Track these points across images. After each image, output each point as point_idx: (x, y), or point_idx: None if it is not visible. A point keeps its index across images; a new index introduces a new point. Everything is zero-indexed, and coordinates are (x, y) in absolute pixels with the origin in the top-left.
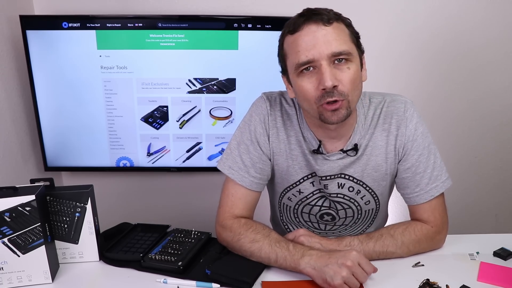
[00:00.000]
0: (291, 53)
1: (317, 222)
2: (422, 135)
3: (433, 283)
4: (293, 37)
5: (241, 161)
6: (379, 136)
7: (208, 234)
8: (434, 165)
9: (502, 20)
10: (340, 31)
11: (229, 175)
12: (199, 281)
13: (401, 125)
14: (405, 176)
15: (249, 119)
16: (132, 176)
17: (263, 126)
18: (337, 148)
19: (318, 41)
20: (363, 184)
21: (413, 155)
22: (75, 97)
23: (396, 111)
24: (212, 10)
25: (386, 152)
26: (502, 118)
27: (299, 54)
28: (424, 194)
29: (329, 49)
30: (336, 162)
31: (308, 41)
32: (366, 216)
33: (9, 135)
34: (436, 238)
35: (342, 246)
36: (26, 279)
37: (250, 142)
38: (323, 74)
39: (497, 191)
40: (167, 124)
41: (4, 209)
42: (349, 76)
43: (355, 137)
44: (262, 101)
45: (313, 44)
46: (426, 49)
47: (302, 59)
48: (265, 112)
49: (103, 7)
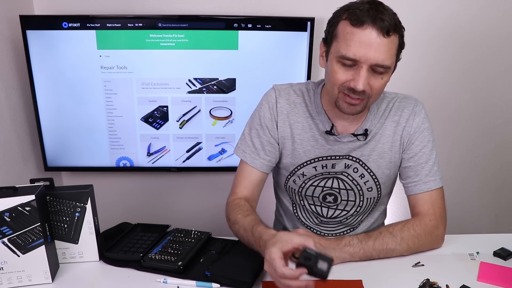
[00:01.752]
0: (342, 41)
1: (320, 205)
2: (428, 129)
3: (433, 283)
4: (352, 28)
5: (253, 145)
6: (388, 126)
7: (208, 234)
8: (434, 160)
9: (503, 19)
10: (392, 46)
11: (243, 158)
12: (199, 281)
13: (410, 118)
14: (408, 165)
15: (260, 107)
16: (132, 176)
17: (271, 112)
18: (347, 130)
19: (371, 48)
20: (367, 169)
21: (417, 146)
22: (75, 97)
23: (407, 106)
24: (212, 10)
25: (392, 141)
26: (502, 118)
27: (349, 48)
28: (422, 185)
29: (375, 59)
30: (346, 144)
31: (363, 42)
32: (367, 204)
33: (9, 135)
34: (435, 233)
35: (341, 246)
36: (26, 279)
37: (260, 127)
38: (360, 77)
39: (497, 191)
40: (167, 124)
41: (4, 209)
42: (380, 85)
43: (366, 124)
44: (272, 91)
45: (365, 47)
46: (426, 49)
47: (349, 55)
48: (273, 100)
49: (103, 7)
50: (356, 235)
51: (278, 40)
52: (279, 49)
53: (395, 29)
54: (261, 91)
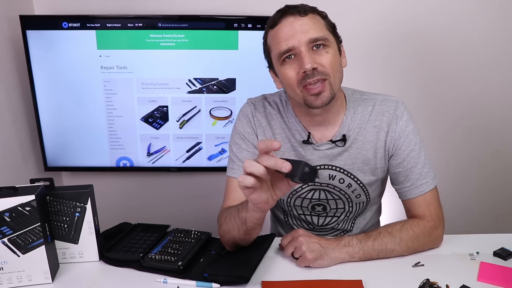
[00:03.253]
0: (273, 45)
1: (309, 214)
2: (413, 132)
3: (433, 283)
4: (273, 30)
5: (238, 159)
6: (370, 131)
7: (208, 234)
8: (424, 161)
9: (502, 20)
10: (316, 21)
11: (231, 175)
12: (199, 281)
13: (392, 122)
14: (397, 171)
15: (238, 123)
16: (132, 176)
17: (250, 125)
18: (325, 137)
19: (296, 30)
20: (354, 178)
21: (404, 151)
22: (75, 97)
23: (387, 109)
24: (212, 10)
25: (376, 147)
26: (503, 118)
27: (280, 44)
28: (414, 189)
29: (306, 36)
30: (325, 152)
31: (287, 31)
32: (357, 209)
33: (9, 135)
34: (434, 234)
35: (341, 246)
36: (26, 279)
37: (242, 141)
38: (303, 59)
39: (497, 191)
40: (167, 124)
41: (4, 209)
42: (328, 58)
43: (344, 129)
44: (247, 106)
45: (291, 34)
46: (426, 49)
47: (283, 48)
48: (250, 114)
49: (103, 7)
50: (356, 235)
51: None
52: None
53: (310, 10)
54: (261, 91)
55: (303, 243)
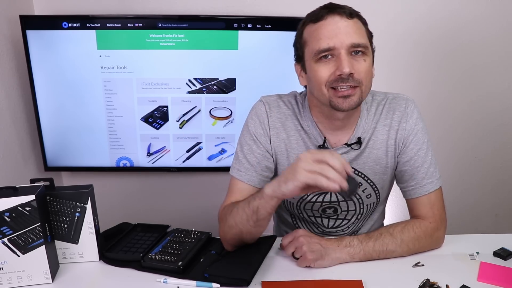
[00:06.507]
0: (312, 41)
1: (320, 216)
2: (422, 130)
3: (433, 283)
4: (315, 25)
5: (247, 162)
6: (380, 130)
7: (208, 234)
8: (430, 161)
9: (503, 19)
10: (360, 26)
11: (238, 178)
12: (199, 281)
13: (402, 120)
14: (404, 169)
15: (249, 122)
16: (132, 176)
17: (263, 127)
18: (340, 141)
19: (340, 31)
20: (364, 177)
21: (412, 149)
22: (75, 97)
23: (398, 107)
24: (212, 10)
25: (387, 145)
26: (502, 119)
27: (320, 41)
28: (419, 188)
29: (349, 40)
30: (342, 156)
31: (330, 30)
32: (367, 210)
33: (9, 135)
34: (435, 235)
35: (341, 246)
36: (26, 279)
37: (253, 142)
38: (342, 61)
39: (497, 191)
40: (167, 124)
41: (4, 209)
42: (365, 67)
43: (358, 131)
44: (261, 105)
45: (335, 33)
46: (425, 49)
47: (323, 46)
48: (264, 114)
49: (103, 7)
50: (357, 236)
51: (278, 40)
52: (279, 49)
53: (356, 14)
54: (261, 91)
55: (304, 243)
